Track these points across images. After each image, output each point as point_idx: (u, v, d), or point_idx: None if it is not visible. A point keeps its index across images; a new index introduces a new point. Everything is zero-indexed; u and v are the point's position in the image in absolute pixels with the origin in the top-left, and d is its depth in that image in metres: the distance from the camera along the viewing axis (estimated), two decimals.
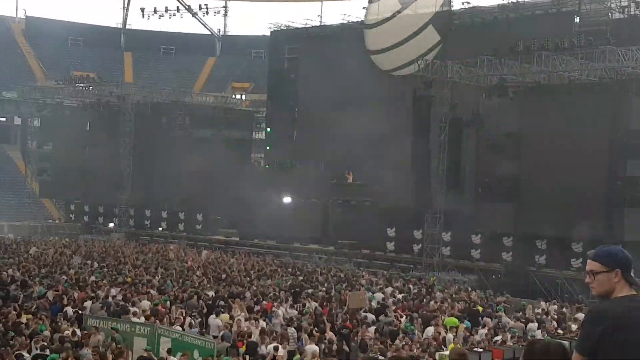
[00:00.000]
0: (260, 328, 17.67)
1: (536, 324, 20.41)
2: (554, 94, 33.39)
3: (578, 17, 36.62)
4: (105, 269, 28.09)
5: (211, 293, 22.74)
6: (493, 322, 20.40)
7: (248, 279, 27.47)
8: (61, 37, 66.05)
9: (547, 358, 3.56)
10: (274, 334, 17.54)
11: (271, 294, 23.44)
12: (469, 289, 28.78)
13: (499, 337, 17.19)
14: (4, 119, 65.36)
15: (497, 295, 27.02)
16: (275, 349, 15.37)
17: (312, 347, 15.83)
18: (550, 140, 32.11)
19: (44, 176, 55.74)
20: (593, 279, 3.74)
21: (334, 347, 16.44)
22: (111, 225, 50.09)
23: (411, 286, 28.01)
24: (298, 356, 14.87)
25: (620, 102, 30.97)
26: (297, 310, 21.10)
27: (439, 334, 18.07)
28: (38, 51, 65.93)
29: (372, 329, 18.86)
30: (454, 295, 25.91)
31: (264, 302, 21.90)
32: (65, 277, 24.84)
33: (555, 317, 21.93)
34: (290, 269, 31.53)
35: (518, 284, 29.92)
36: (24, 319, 17.51)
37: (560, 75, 33.36)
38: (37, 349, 14.48)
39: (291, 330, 17.96)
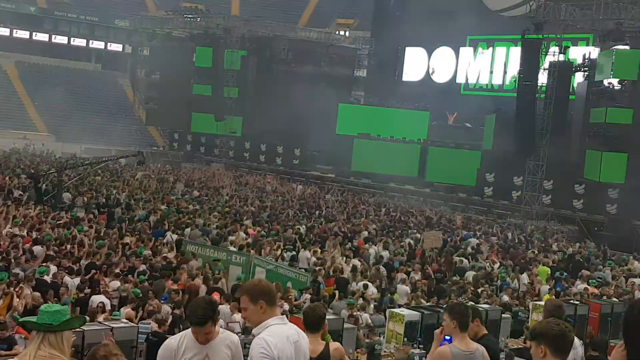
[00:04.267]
0: (351, 265, 17.76)
1: (639, 279, 19.61)
2: None
3: None
4: (205, 198, 28.84)
5: (305, 228, 23.03)
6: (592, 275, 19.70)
7: (342, 215, 27.64)
8: None
9: None
10: (365, 271, 17.60)
11: (364, 232, 23.52)
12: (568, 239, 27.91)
13: (598, 291, 16.60)
14: (116, 47, 67.55)
15: (599, 247, 26.15)
16: (365, 286, 15.42)
17: (404, 288, 15.80)
18: None
19: (150, 104, 57.47)
20: None
21: (425, 288, 16.33)
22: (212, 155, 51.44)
23: (508, 233, 27.47)
24: (389, 295, 14.86)
25: None
26: (389, 250, 21.08)
27: (533, 283, 17.67)
28: None
29: (469, 274, 18.62)
30: (552, 245, 25.24)
31: (356, 240, 22.00)
32: (166, 203, 25.68)
33: None
34: (384, 209, 31.45)
35: (621, 238, 28.74)
36: (126, 240, 18.28)
37: None
38: (137, 270, 15.10)
39: (382, 269, 17.99)
